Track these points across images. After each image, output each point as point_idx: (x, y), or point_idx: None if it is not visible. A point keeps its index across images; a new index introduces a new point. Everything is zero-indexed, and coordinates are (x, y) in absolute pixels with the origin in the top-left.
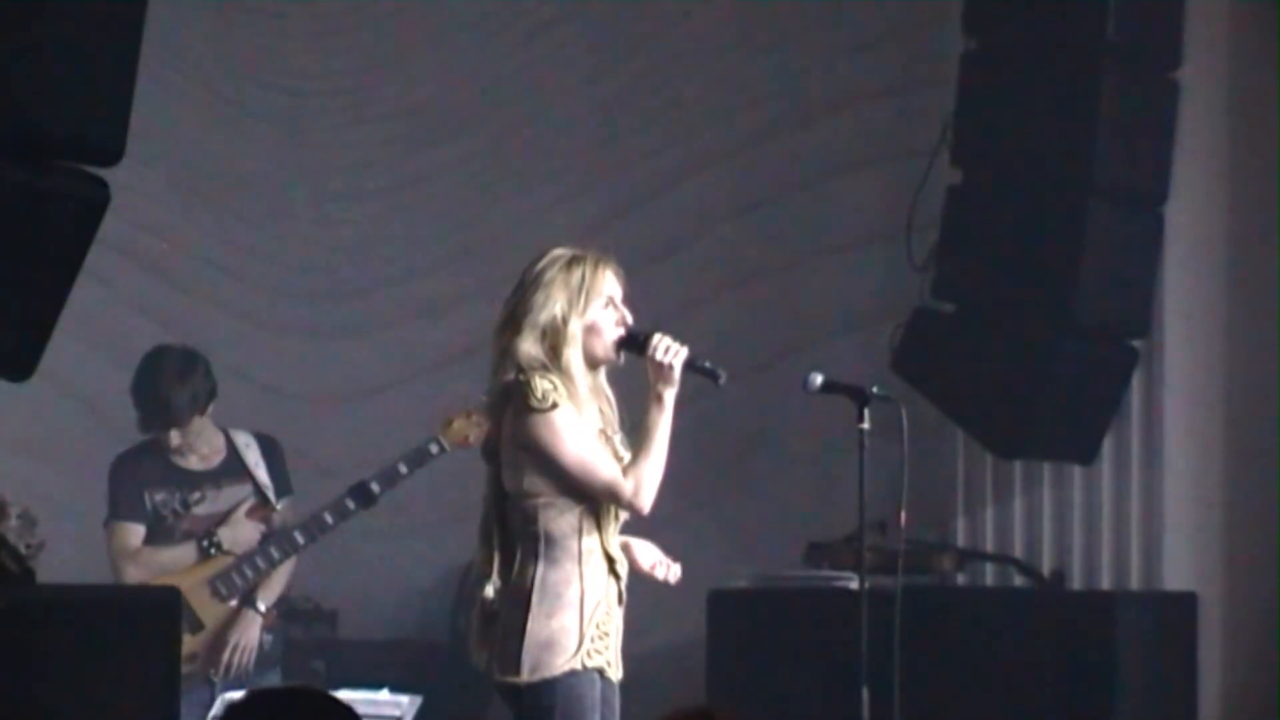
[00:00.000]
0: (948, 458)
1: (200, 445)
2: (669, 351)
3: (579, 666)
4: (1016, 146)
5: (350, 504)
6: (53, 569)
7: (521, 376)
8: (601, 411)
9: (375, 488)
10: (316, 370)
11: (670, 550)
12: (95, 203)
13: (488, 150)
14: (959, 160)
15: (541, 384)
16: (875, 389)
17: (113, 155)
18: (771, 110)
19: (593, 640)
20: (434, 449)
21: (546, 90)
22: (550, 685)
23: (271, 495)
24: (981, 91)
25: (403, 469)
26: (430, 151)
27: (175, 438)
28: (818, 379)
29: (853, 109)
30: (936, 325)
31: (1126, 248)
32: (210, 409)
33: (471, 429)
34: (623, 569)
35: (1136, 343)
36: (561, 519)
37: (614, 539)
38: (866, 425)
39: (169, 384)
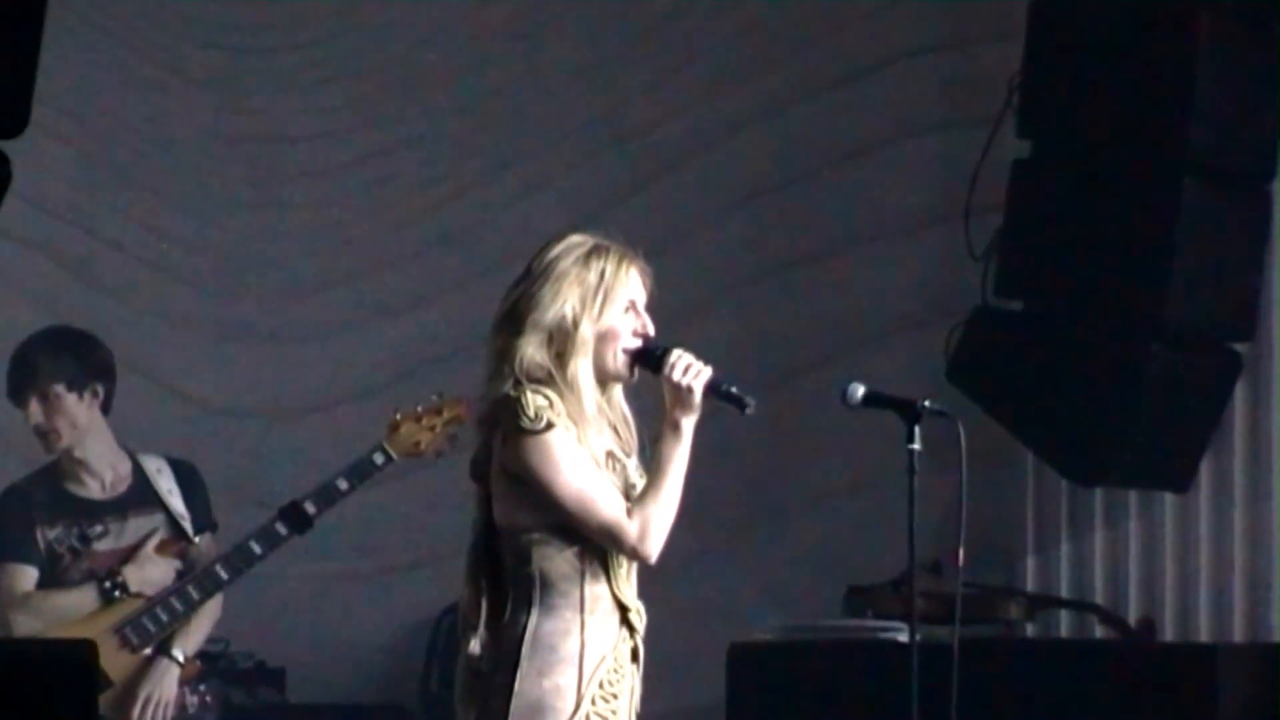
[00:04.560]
0: (1015, 485)
1: (100, 468)
2: (689, 372)
3: None
4: (1096, 113)
5: (281, 529)
6: None
7: (513, 391)
8: (615, 430)
9: (310, 508)
10: (258, 382)
11: (684, 598)
12: None
13: (466, 120)
14: (1027, 130)
15: (535, 400)
16: (927, 403)
17: (14, 125)
18: (800, 70)
19: (595, 703)
20: (379, 459)
21: (534, 48)
22: None
23: (188, 526)
24: (1053, 46)
25: (343, 485)
26: (399, 121)
27: (35, 412)
28: (859, 391)
29: (899, 68)
30: (1000, 327)
31: (1227, 235)
32: (99, 399)
33: (423, 434)
34: (639, 619)
35: (1239, 347)
36: (560, 559)
37: (627, 583)
38: (917, 446)
39: (37, 346)
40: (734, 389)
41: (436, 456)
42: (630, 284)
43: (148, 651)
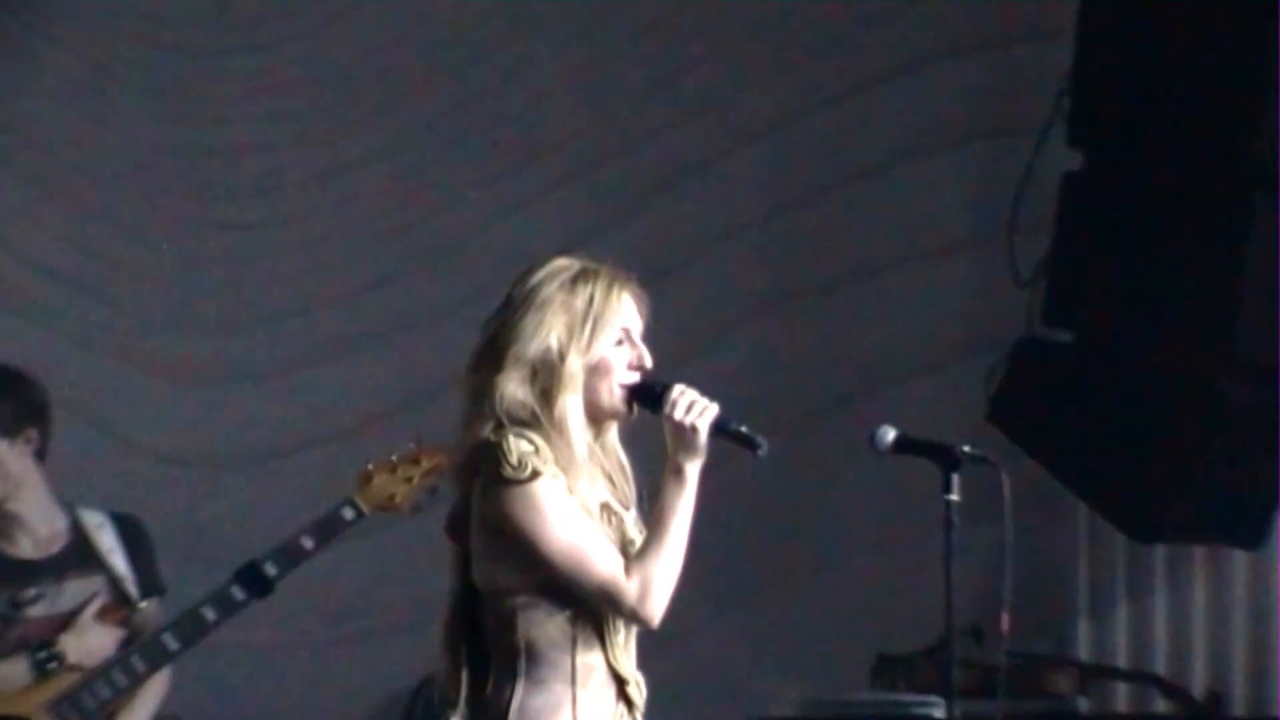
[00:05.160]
0: (1065, 540)
1: (35, 524)
2: (693, 410)
3: None
4: (1156, 119)
5: (238, 593)
6: None
7: (494, 436)
8: (610, 479)
9: (271, 570)
10: (207, 424)
11: (690, 668)
12: None
13: (444, 129)
14: (1078, 138)
15: (518, 445)
16: (967, 448)
17: None
18: (819, 73)
19: None
20: (349, 515)
21: (520, 45)
22: None
23: (132, 589)
24: (1108, 44)
25: (307, 544)
26: (368, 130)
27: None
28: (889, 435)
29: (930, 70)
30: (1049, 361)
31: None
32: (32, 445)
33: (398, 486)
34: (639, 693)
35: None
36: (549, 625)
37: (625, 652)
38: (955, 496)
39: None
40: (744, 429)
41: (413, 512)
42: (623, 311)
43: None
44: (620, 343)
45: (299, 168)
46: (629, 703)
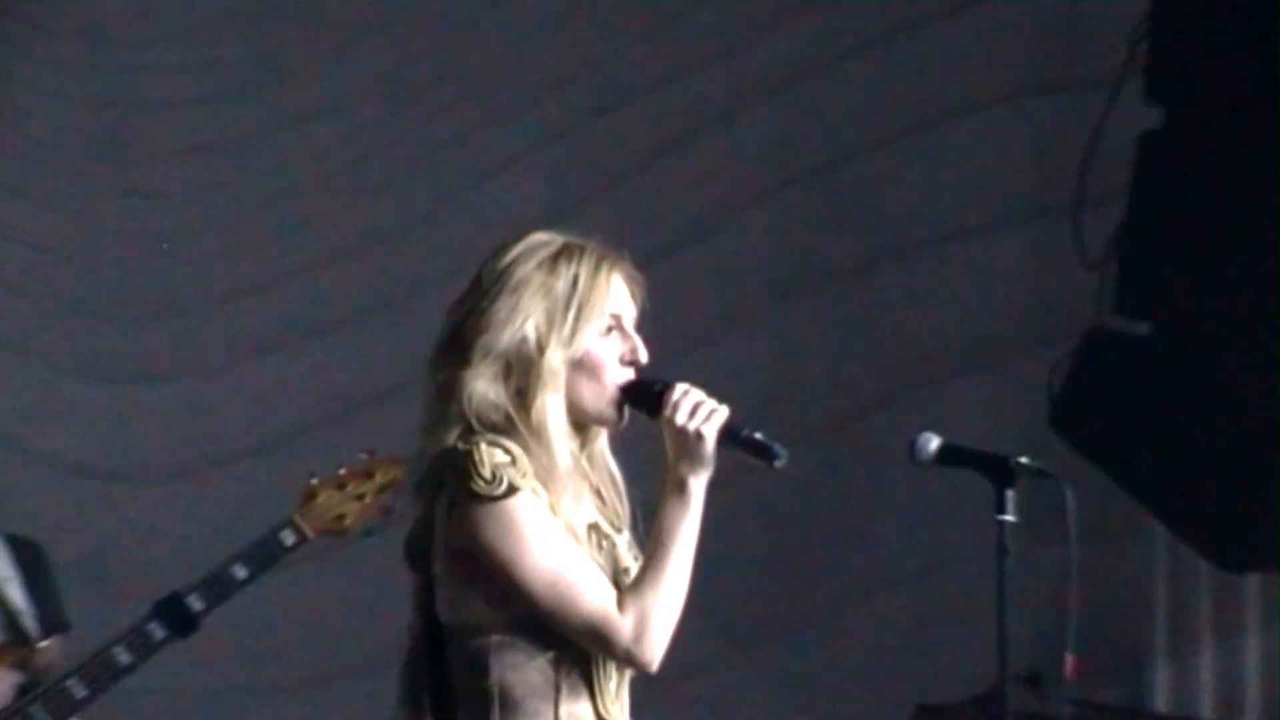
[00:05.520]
0: (1140, 569)
1: None
2: (698, 413)
3: None
4: (1248, 71)
5: (157, 631)
6: None
7: (461, 444)
8: (599, 495)
9: (196, 604)
10: (120, 433)
11: (698, 718)
12: None
13: (405, 79)
14: (1157, 93)
15: (491, 455)
16: (1024, 459)
17: None
18: (856, 12)
19: None
20: (289, 539)
21: None
22: None
23: (31, 626)
24: None
25: (239, 573)
26: (314, 79)
27: None
28: (932, 444)
29: (981, 12)
30: (1122, 356)
31: None
32: None
33: (347, 505)
34: None
35: None
36: (528, 669)
37: (616, 700)
38: (1010, 517)
39: None
40: (759, 435)
41: (365, 535)
42: (613, 295)
43: None
44: (610, 332)
45: (228, 125)
46: None
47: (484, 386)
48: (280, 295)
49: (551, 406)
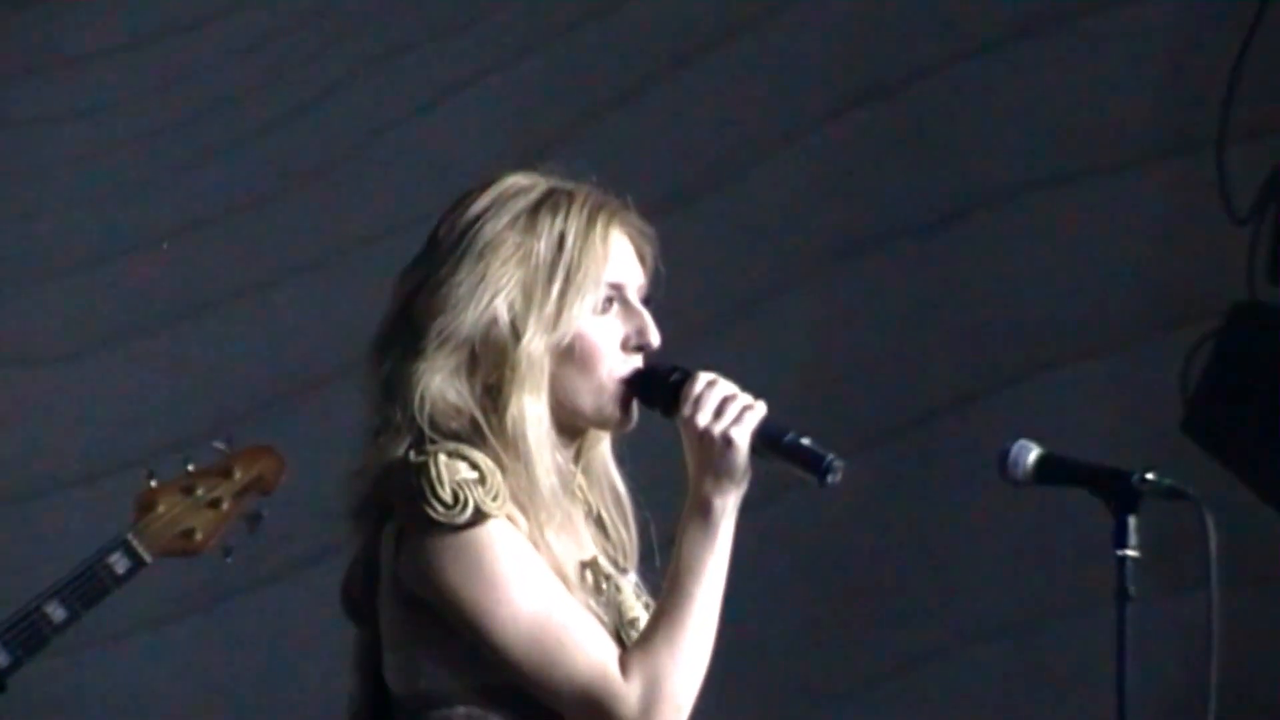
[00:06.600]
0: None
1: None
2: (726, 412)
3: None
4: None
5: None
6: None
7: (414, 456)
8: (598, 522)
9: (1, 659)
10: None
11: None
12: None
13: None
14: None
15: (452, 472)
16: (1149, 475)
17: None
18: None
19: None
20: (120, 565)
21: None
22: None
23: None
24: None
25: (56, 614)
26: (234, 16)
27: None
28: (1029, 455)
29: None
30: (1278, 339)
31: None
32: None
33: (197, 514)
34: None
35: None
36: None
37: None
38: (1132, 551)
39: None
40: (806, 441)
41: (225, 555)
42: (612, 258)
43: None
44: (609, 307)
45: (129, 80)
46: None
47: (441, 383)
48: (163, 258)
49: (531, 409)
